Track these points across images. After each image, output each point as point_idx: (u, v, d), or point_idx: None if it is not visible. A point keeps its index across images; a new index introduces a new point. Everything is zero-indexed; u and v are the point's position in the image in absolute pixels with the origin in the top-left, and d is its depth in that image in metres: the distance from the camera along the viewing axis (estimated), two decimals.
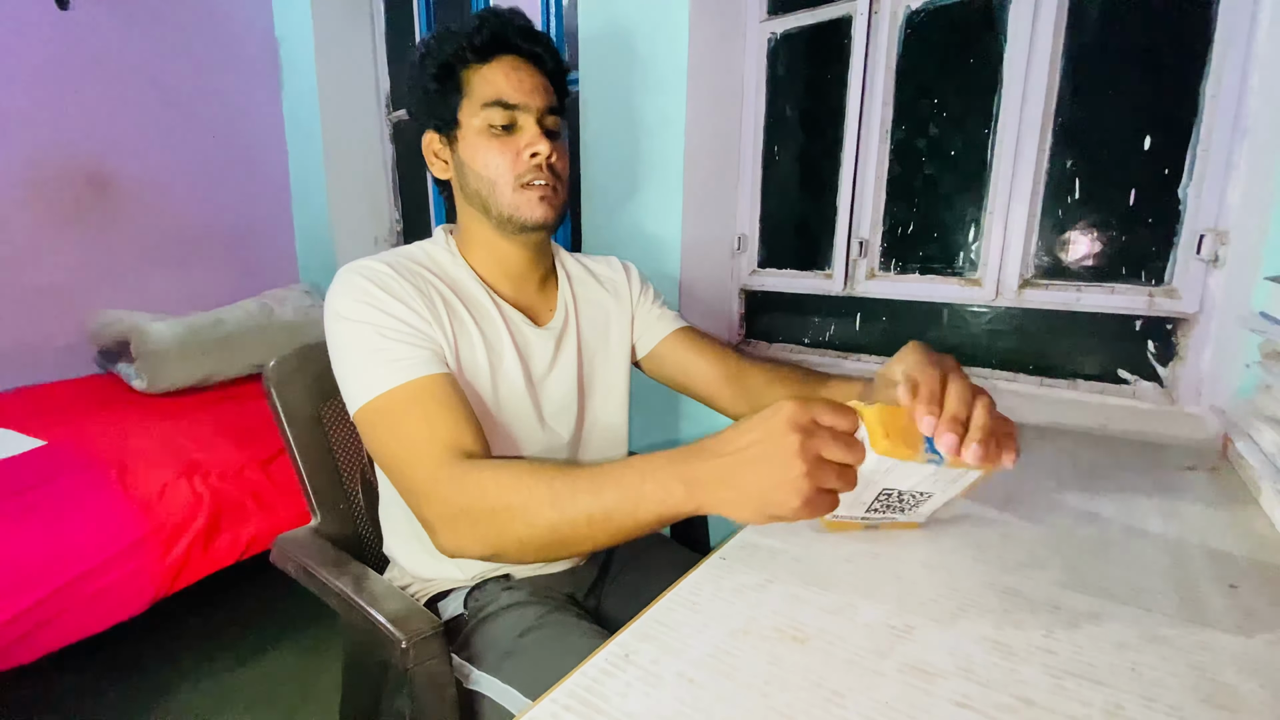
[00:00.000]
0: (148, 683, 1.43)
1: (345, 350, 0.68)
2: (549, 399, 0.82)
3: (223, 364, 2.01)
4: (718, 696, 0.41)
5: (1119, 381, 1.13)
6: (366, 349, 0.67)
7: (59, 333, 2.07)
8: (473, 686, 0.71)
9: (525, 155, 0.74)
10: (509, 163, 0.74)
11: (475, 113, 0.74)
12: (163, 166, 2.23)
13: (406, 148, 2.40)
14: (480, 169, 0.75)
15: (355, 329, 0.67)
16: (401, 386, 0.65)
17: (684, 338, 0.94)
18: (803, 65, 1.42)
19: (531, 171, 0.74)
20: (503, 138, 0.74)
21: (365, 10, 2.34)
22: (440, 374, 0.67)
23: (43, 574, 1.17)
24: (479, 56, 0.74)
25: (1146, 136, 1.06)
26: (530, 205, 0.75)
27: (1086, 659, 0.44)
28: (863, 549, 0.59)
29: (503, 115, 0.74)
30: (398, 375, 0.65)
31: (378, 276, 0.70)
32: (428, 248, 0.81)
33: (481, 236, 0.80)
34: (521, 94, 0.74)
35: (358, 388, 0.66)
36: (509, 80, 0.74)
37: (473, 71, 0.74)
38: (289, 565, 0.82)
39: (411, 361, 0.66)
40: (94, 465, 1.42)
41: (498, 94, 0.73)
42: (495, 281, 0.81)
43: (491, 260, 0.81)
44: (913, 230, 1.33)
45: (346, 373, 0.68)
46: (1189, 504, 0.69)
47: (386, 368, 0.65)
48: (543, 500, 0.55)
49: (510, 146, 0.74)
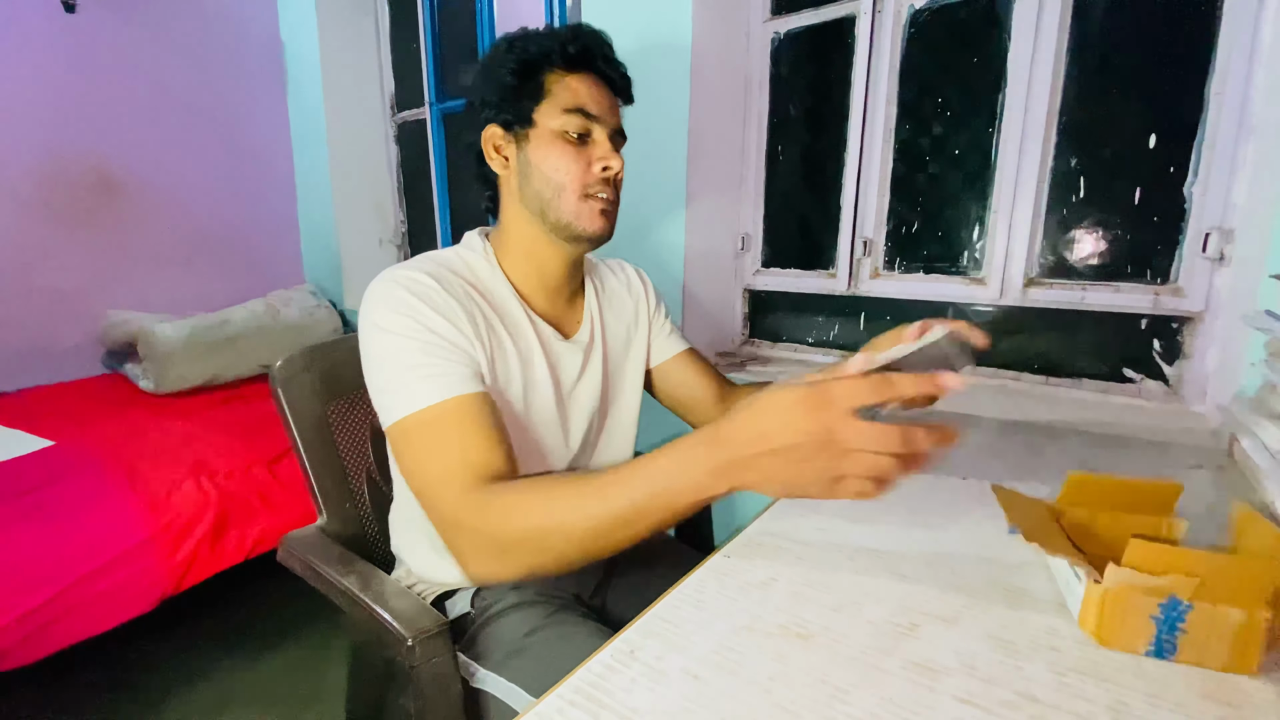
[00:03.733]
0: (155, 680, 1.44)
1: (383, 362, 0.67)
2: (575, 411, 0.82)
3: (229, 364, 2.02)
4: (722, 693, 0.41)
5: (1124, 380, 1.13)
6: (405, 363, 0.66)
7: (67, 333, 2.08)
8: (478, 685, 0.71)
9: (596, 167, 0.74)
10: (579, 171, 0.74)
11: (555, 116, 0.74)
12: (169, 169, 2.24)
13: (411, 149, 2.41)
14: (550, 171, 0.74)
15: (395, 341, 0.66)
16: (438, 405, 0.64)
17: (690, 359, 0.97)
18: (806, 65, 1.42)
19: (599, 184, 0.75)
20: (577, 146, 0.74)
21: (370, 13, 2.35)
22: (477, 393, 0.66)
23: (51, 573, 1.18)
24: (567, 64, 0.75)
25: (1151, 135, 1.05)
26: (591, 216, 0.75)
27: (1091, 656, 0.44)
28: (866, 546, 0.60)
29: (581, 124, 0.74)
30: (436, 392, 0.64)
31: (420, 288, 0.69)
32: (466, 256, 0.79)
33: (524, 241, 0.79)
34: (601, 109, 0.75)
35: (394, 402, 0.65)
36: (592, 93, 0.75)
37: (557, 77, 0.74)
38: (296, 564, 0.82)
39: (450, 378, 0.65)
40: (102, 465, 1.43)
41: (581, 102, 0.74)
42: (530, 292, 0.80)
43: (530, 268, 0.80)
44: (917, 229, 1.33)
45: (383, 385, 0.67)
46: (1195, 503, 0.69)
47: (425, 384, 0.64)
48: (574, 513, 0.56)
49: (583, 156, 0.74)
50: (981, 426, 0.96)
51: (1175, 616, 0.43)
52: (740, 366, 1.43)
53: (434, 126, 2.25)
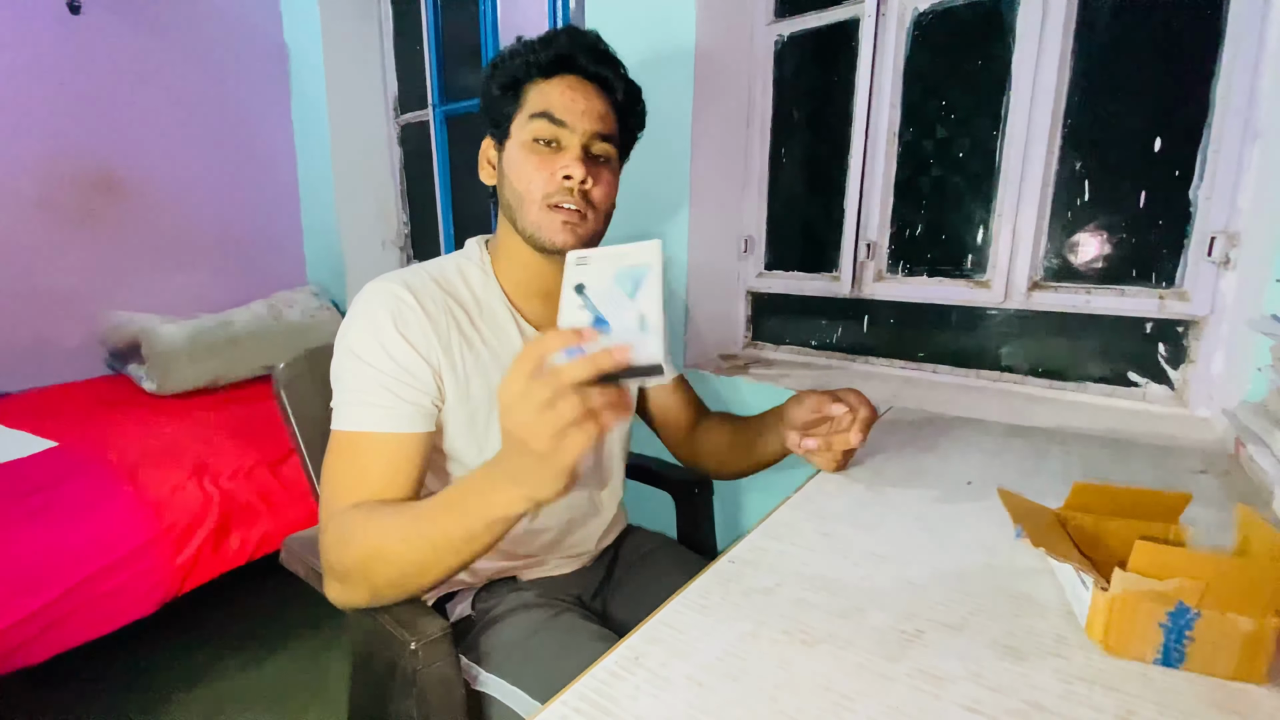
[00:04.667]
0: (157, 683, 1.44)
1: (340, 379, 0.71)
2: None
3: (232, 365, 2.02)
4: (727, 700, 0.41)
5: (1129, 385, 1.13)
6: (355, 386, 0.69)
7: (70, 334, 2.09)
8: (480, 688, 0.71)
9: (559, 175, 0.72)
10: (542, 180, 0.73)
11: (524, 124, 0.74)
12: (172, 170, 2.25)
13: (414, 151, 2.42)
14: (514, 181, 0.74)
15: (355, 365, 0.69)
16: (365, 434, 0.67)
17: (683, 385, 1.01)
18: (810, 67, 1.42)
19: (561, 193, 0.72)
20: (543, 153, 0.73)
21: (374, 15, 2.36)
22: (403, 434, 0.68)
23: (54, 574, 1.18)
24: (542, 71, 0.74)
25: (1157, 138, 1.05)
26: (552, 227, 0.73)
27: (1098, 664, 0.44)
28: (871, 553, 0.59)
29: (547, 130, 0.73)
30: (369, 421, 0.67)
31: (397, 307, 0.70)
32: (462, 263, 0.80)
33: (513, 249, 0.79)
34: (571, 113, 0.73)
35: (336, 415, 0.70)
36: (563, 97, 0.73)
37: (533, 85, 0.74)
38: (298, 566, 0.82)
39: (389, 413, 0.68)
40: (105, 466, 1.43)
41: (547, 107, 0.73)
42: (522, 299, 0.81)
43: (522, 274, 0.80)
44: (921, 232, 1.32)
45: (336, 395, 0.71)
46: (1200, 509, 0.68)
47: (362, 410, 0.68)
48: (395, 540, 0.60)
49: (548, 164, 0.73)
50: (985, 431, 0.96)
51: (1183, 624, 0.42)
52: (743, 369, 1.43)
53: (437, 129, 2.25)
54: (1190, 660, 0.43)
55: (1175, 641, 0.43)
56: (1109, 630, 0.44)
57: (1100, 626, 0.45)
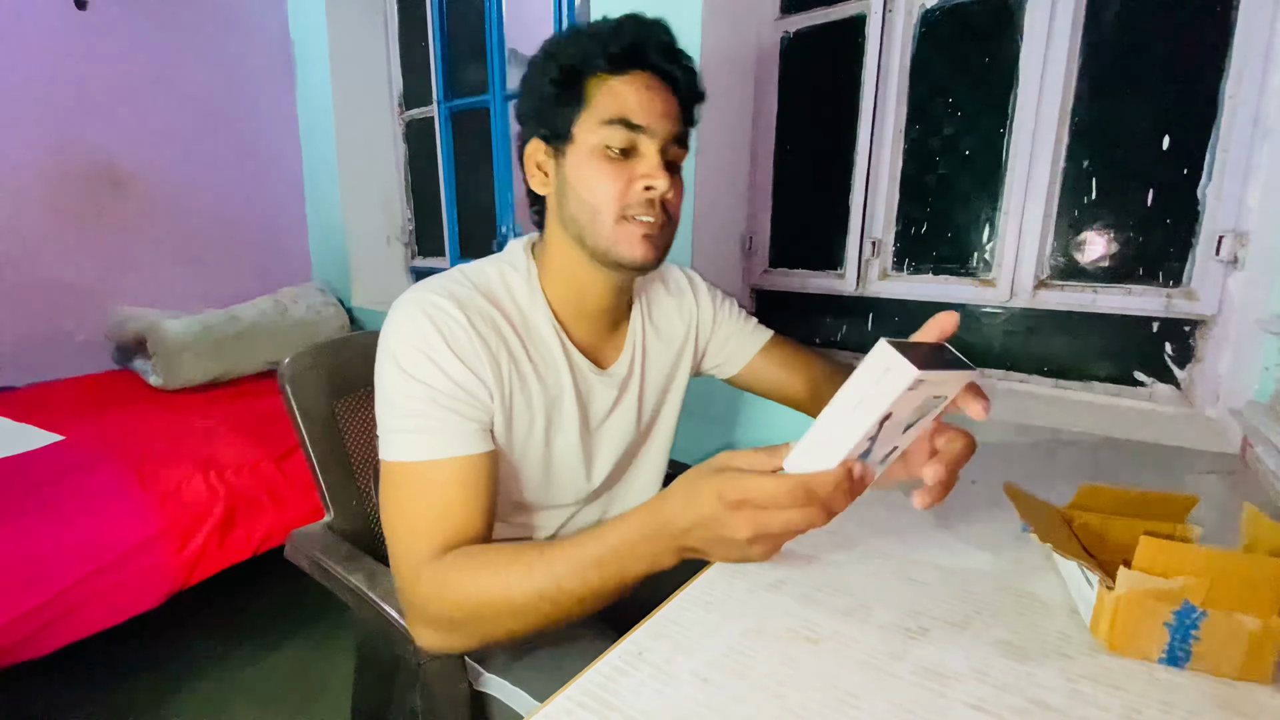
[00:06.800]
0: (162, 676, 1.45)
1: (390, 401, 0.63)
2: (602, 445, 0.78)
3: (237, 361, 2.03)
4: (731, 696, 0.41)
5: (1135, 384, 1.12)
6: (408, 410, 0.62)
7: (77, 329, 2.09)
8: (482, 688, 0.71)
9: (639, 186, 0.65)
10: (618, 191, 0.65)
11: (593, 129, 0.65)
12: (178, 165, 2.25)
13: (419, 148, 2.42)
14: (585, 193, 0.66)
15: (406, 384, 0.62)
16: (428, 463, 0.61)
17: (776, 351, 0.94)
18: (816, 64, 1.42)
19: (641, 205, 0.66)
20: (618, 162, 0.65)
21: (379, 10, 2.36)
22: (475, 454, 0.63)
23: (60, 568, 1.19)
24: (612, 66, 0.65)
25: (1165, 136, 1.04)
26: (631, 242, 0.66)
27: (1103, 663, 0.44)
28: (876, 550, 0.59)
29: (624, 137, 0.65)
30: (429, 449, 0.61)
31: (446, 324, 0.63)
32: (508, 276, 0.72)
33: (566, 264, 0.72)
34: (650, 116, 0.65)
35: (389, 443, 0.63)
36: (639, 99, 0.65)
37: (600, 82, 0.65)
38: (303, 560, 0.83)
39: (448, 436, 0.62)
40: (111, 460, 1.43)
41: (623, 112, 0.64)
42: (569, 319, 0.74)
43: (570, 294, 0.73)
44: (926, 230, 1.32)
45: (387, 421, 0.64)
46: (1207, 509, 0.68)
47: (421, 436, 0.61)
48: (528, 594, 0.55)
49: (624, 173, 0.65)
50: (991, 430, 0.96)
51: (1189, 623, 0.42)
52: None
53: (442, 124, 2.25)
54: (1196, 659, 0.42)
55: (1181, 640, 0.43)
56: (1114, 629, 0.44)
57: (1105, 625, 0.45)
